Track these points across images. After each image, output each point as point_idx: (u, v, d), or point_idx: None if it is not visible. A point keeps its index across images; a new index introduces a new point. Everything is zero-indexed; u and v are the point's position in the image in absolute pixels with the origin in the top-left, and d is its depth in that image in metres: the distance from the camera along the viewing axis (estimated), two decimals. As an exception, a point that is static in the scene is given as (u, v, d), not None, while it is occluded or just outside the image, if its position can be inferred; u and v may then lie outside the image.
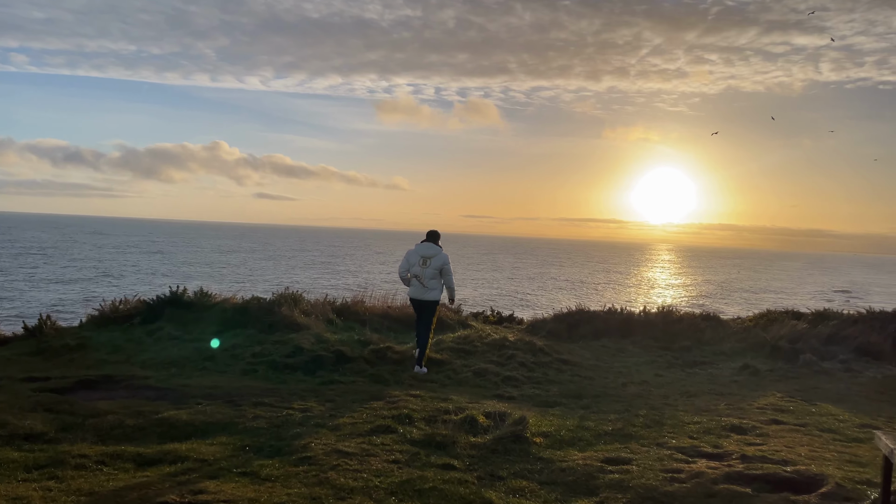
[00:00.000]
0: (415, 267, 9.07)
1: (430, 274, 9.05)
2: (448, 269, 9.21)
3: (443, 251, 9.21)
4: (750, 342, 12.17)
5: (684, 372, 10.33)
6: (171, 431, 5.92)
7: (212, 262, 68.32)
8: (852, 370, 10.58)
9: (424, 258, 9.08)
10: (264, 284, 44.62)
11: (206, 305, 10.86)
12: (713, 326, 12.85)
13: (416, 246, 9.30)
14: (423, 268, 9.05)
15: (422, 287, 9.05)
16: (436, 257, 9.09)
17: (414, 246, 9.37)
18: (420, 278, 9.02)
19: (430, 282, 9.07)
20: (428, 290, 9.08)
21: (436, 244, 9.28)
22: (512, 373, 9.04)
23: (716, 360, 11.22)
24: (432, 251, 9.15)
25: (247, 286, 42.82)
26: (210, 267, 63.36)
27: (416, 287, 9.10)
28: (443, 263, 9.10)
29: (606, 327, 12.83)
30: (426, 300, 9.11)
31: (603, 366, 10.29)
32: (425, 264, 9.06)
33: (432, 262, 9.07)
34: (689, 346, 11.99)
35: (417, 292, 9.12)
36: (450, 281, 9.27)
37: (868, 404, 8.25)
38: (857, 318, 12.68)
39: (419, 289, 9.08)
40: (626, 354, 11.39)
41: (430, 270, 9.04)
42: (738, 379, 9.85)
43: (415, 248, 9.28)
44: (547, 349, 10.48)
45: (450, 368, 9.10)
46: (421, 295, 9.09)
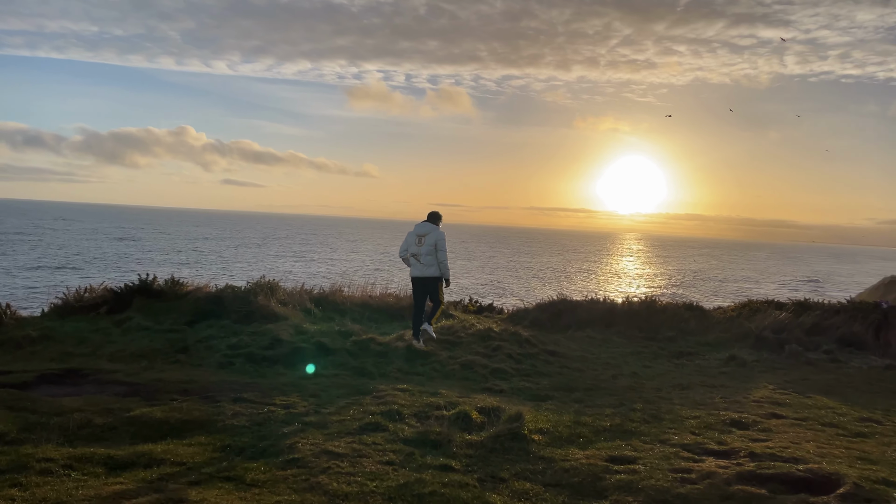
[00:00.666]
0: (412, 246, 9.34)
1: (426, 251, 9.25)
2: (441, 246, 9.30)
3: (438, 229, 9.39)
4: (734, 332, 12.08)
5: (671, 363, 10.17)
6: (145, 431, 5.50)
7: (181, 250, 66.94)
8: (838, 360, 10.52)
9: (419, 237, 9.32)
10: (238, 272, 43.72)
11: (178, 294, 10.37)
12: (697, 317, 12.74)
13: (415, 226, 9.47)
14: (419, 246, 9.29)
15: (420, 265, 9.28)
16: (430, 234, 9.28)
17: (413, 227, 9.54)
18: (417, 256, 9.27)
19: (426, 258, 9.26)
20: (425, 268, 9.27)
21: (433, 224, 9.47)
22: (500, 365, 8.75)
23: (702, 350, 11.10)
24: (427, 229, 9.35)
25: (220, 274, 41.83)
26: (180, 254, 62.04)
27: (415, 265, 9.34)
28: (436, 240, 9.25)
29: (590, 317, 12.64)
30: (425, 277, 9.30)
31: (590, 357, 10.07)
32: (420, 243, 9.29)
33: (426, 239, 9.27)
34: (673, 336, 11.86)
35: (416, 270, 9.36)
36: (442, 257, 9.32)
37: (860, 396, 8.15)
38: (839, 309, 12.67)
39: (418, 267, 9.32)
40: (611, 345, 11.19)
41: (425, 248, 9.26)
42: (727, 370, 9.71)
43: (413, 228, 9.46)
44: (533, 340, 10.22)
45: (436, 360, 8.77)
46: (420, 272, 9.31)
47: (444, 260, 9.30)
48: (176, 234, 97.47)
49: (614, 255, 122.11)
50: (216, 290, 10.57)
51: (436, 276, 9.32)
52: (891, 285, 45.98)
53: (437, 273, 9.31)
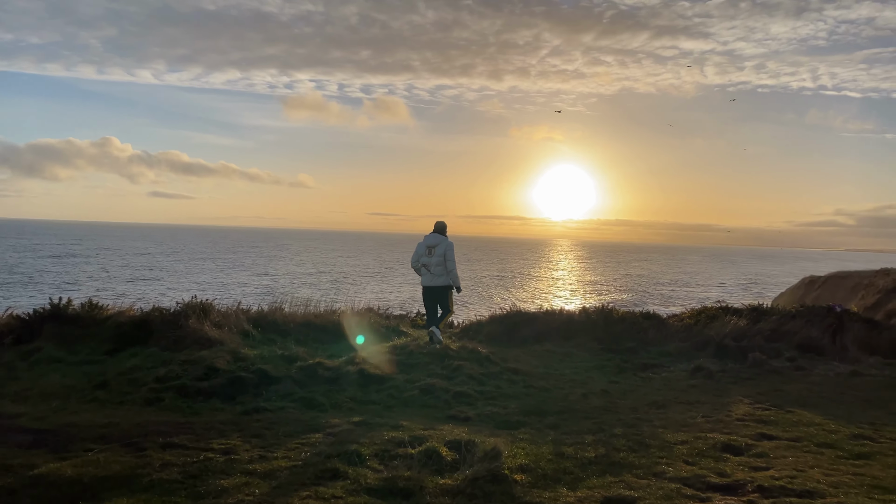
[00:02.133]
0: (423, 257, 9.68)
1: (437, 261, 9.61)
2: (451, 256, 9.69)
3: (447, 240, 9.74)
4: (694, 341, 11.73)
5: (638, 377, 9.68)
6: (51, 494, 4.52)
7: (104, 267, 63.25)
8: (802, 368, 10.28)
9: (430, 247, 9.70)
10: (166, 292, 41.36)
11: (97, 319, 9.24)
12: (655, 326, 12.36)
13: (424, 238, 9.81)
14: (430, 257, 9.65)
15: (430, 275, 9.62)
16: (439, 245, 9.65)
17: (423, 238, 9.88)
18: (428, 266, 9.61)
19: (437, 268, 9.62)
20: (436, 277, 9.63)
21: (442, 234, 9.83)
22: (462, 388, 8.03)
23: (665, 362, 10.68)
24: (437, 240, 9.72)
25: (147, 295, 39.48)
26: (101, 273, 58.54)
27: (426, 275, 9.66)
28: (445, 250, 9.63)
29: (547, 329, 12.08)
30: (436, 286, 9.66)
31: (554, 374, 9.48)
32: (430, 253, 9.67)
33: (436, 250, 9.64)
34: (634, 347, 11.42)
35: (427, 280, 9.67)
36: (451, 266, 9.70)
37: (837, 408, 7.82)
38: (795, 313, 12.53)
39: (428, 276, 9.64)
40: (573, 359, 10.64)
41: (435, 258, 9.62)
42: (695, 383, 9.30)
43: (423, 239, 9.80)
44: (493, 357, 9.55)
45: (392, 386, 7.99)
46: (431, 282, 9.64)
47: (453, 269, 9.66)
48: (97, 250, 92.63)
49: (554, 262, 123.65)
50: (141, 314, 9.48)
51: (447, 284, 9.65)
52: (811, 284, 47.71)
53: (447, 282, 9.65)
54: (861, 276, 43.64)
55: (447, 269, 9.68)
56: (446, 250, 9.62)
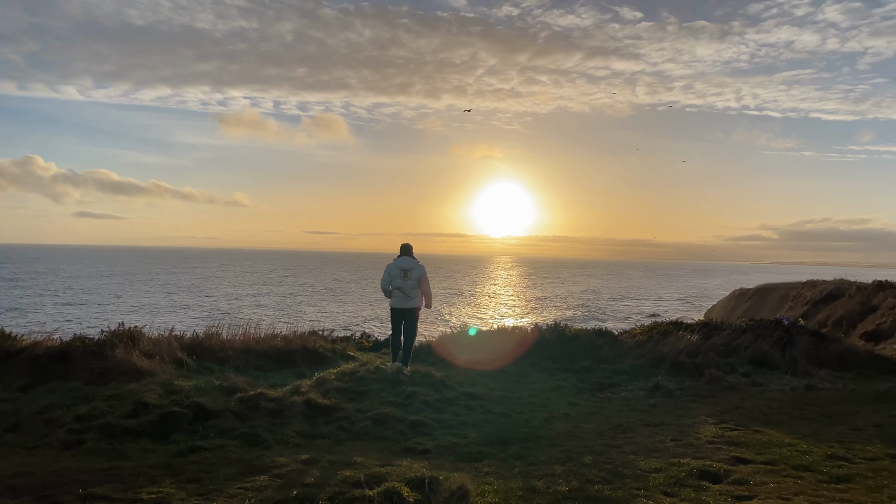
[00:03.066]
0: (396, 279, 9.68)
1: (412, 285, 9.72)
2: (426, 279, 9.91)
3: (419, 263, 9.92)
4: (648, 358, 11.56)
5: (597, 398, 9.38)
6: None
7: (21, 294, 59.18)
8: (757, 383, 10.20)
9: (404, 271, 9.72)
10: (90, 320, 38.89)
11: (10, 351, 8.32)
12: (610, 343, 12.15)
13: (395, 260, 9.86)
14: (405, 280, 9.68)
15: (404, 297, 9.70)
16: (414, 269, 9.79)
17: (392, 260, 9.90)
18: (402, 290, 9.67)
19: (412, 291, 9.74)
20: (410, 300, 9.74)
21: (412, 257, 9.96)
22: (418, 416, 7.51)
23: (622, 380, 10.43)
24: (411, 264, 9.81)
25: (70, 322, 36.98)
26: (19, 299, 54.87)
27: (400, 297, 9.70)
28: (421, 274, 9.81)
29: (501, 349, 11.69)
30: (409, 308, 9.78)
31: (512, 396, 9.07)
32: (406, 276, 9.70)
33: (412, 273, 9.74)
34: (589, 365, 11.14)
35: (401, 302, 9.72)
36: (427, 289, 9.93)
37: (802, 425, 7.67)
38: (746, 328, 12.54)
39: (402, 299, 9.70)
40: (529, 380, 10.27)
41: (411, 282, 9.71)
42: (655, 402, 9.06)
43: (394, 262, 9.84)
44: (448, 381, 9.07)
45: (342, 417, 7.40)
46: (404, 304, 9.73)
47: (429, 292, 9.93)
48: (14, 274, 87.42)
49: (497, 279, 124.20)
50: (61, 344, 8.61)
51: (417, 307, 9.83)
52: (741, 297, 49.17)
53: (418, 305, 9.85)
54: (787, 287, 45.19)
55: (424, 292, 9.94)
56: (422, 274, 9.87)
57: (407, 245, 10.14)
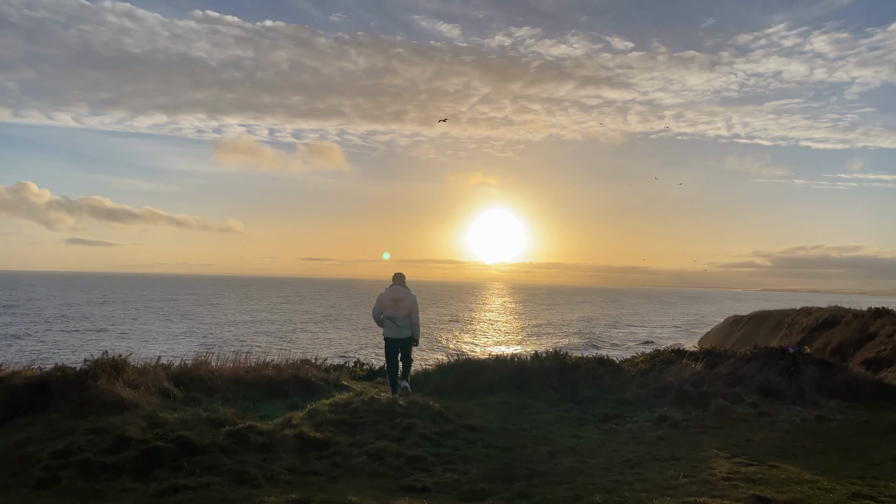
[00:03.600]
0: (387, 309, 9.64)
1: (403, 314, 9.69)
2: (416, 310, 9.85)
3: (410, 293, 9.84)
4: (652, 388, 11.19)
5: (601, 430, 9.00)
6: None
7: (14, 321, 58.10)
8: (766, 414, 9.84)
9: (395, 300, 9.69)
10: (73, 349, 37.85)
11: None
12: (611, 372, 11.78)
13: (387, 290, 9.77)
14: (396, 310, 9.66)
15: (396, 327, 9.65)
16: (405, 299, 9.73)
17: (384, 290, 9.82)
18: (393, 319, 9.63)
19: (403, 321, 9.70)
20: (402, 329, 9.71)
21: (403, 286, 9.88)
22: (416, 451, 7.13)
23: (626, 411, 10.06)
24: (401, 293, 9.76)
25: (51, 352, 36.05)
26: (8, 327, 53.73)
27: (391, 327, 9.66)
28: (411, 304, 9.76)
29: (499, 379, 11.32)
30: (402, 338, 9.73)
31: (513, 429, 8.69)
32: (397, 306, 9.68)
33: (402, 303, 9.70)
34: (591, 395, 10.77)
35: (393, 332, 9.68)
36: (416, 319, 9.86)
37: (819, 460, 7.32)
38: (751, 356, 12.20)
39: (394, 328, 9.66)
40: (530, 411, 9.89)
41: (402, 311, 9.68)
42: (662, 435, 8.68)
43: (385, 291, 9.75)
44: (447, 413, 8.70)
45: (336, 451, 7.01)
46: (397, 334, 9.69)
47: (417, 323, 9.85)
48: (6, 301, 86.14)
49: (492, 305, 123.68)
50: (40, 374, 8.22)
51: (410, 336, 9.75)
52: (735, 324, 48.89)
53: (411, 334, 9.76)
54: (781, 314, 44.86)
55: (413, 321, 9.85)
56: (413, 304, 9.79)
57: (399, 274, 10.05)
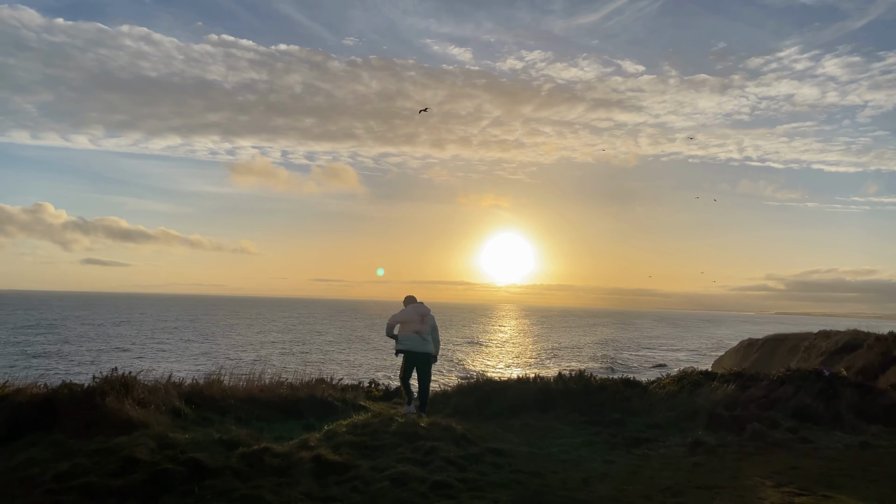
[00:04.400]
0: (415, 324, 9.78)
1: (428, 330, 9.86)
2: (437, 329, 10.15)
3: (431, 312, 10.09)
4: (681, 410, 10.70)
5: (632, 454, 8.52)
6: None
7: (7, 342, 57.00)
8: (807, 440, 9.31)
9: (422, 315, 9.88)
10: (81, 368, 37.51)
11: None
12: (639, 394, 11.30)
13: (411, 306, 9.98)
14: (422, 325, 9.82)
15: (422, 341, 9.78)
16: (429, 315, 10.00)
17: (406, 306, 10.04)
18: (420, 333, 9.77)
19: (429, 337, 9.86)
20: (427, 344, 9.83)
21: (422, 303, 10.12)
22: (440, 475, 6.68)
23: (656, 435, 9.57)
24: (426, 310, 9.98)
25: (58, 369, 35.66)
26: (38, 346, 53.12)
27: (417, 341, 9.76)
28: (434, 322, 10.05)
29: (522, 400, 10.86)
30: (426, 352, 9.85)
31: (540, 454, 8.22)
32: (423, 321, 9.85)
33: (427, 318, 9.91)
34: (619, 418, 10.29)
35: (418, 346, 9.77)
36: (437, 338, 10.16)
37: (868, 489, 6.83)
38: (784, 378, 11.69)
39: (419, 342, 9.77)
40: (556, 435, 9.42)
41: (427, 327, 9.86)
42: (698, 460, 8.19)
43: (410, 308, 9.94)
44: (470, 436, 8.27)
45: (355, 476, 6.58)
46: (422, 348, 9.80)
47: (438, 340, 10.19)
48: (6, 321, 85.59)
49: (506, 328, 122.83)
50: (46, 391, 7.86)
51: (432, 352, 9.94)
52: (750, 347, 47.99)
53: (433, 350, 9.96)
54: (797, 338, 43.97)
55: (434, 339, 10.06)
56: (434, 321, 10.05)
57: (413, 297, 10.34)
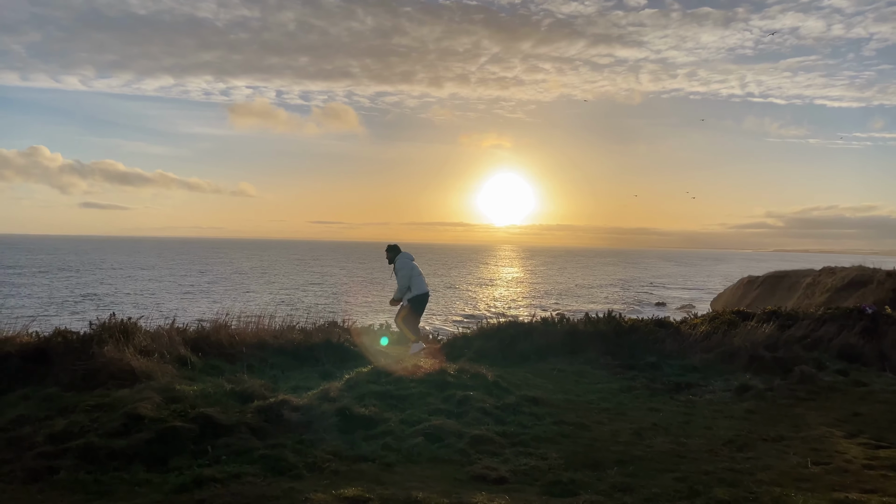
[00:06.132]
0: (417, 267, 10.02)
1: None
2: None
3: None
4: (717, 352, 10.08)
5: (677, 401, 7.89)
6: None
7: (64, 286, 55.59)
8: (860, 383, 8.69)
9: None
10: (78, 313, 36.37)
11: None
12: (672, 335, 10.65)
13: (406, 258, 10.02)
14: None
15: (425, 284, 10.03)
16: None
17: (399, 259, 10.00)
18: (423, 276, 10.06)
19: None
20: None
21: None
22: (478, 429, 6.03)
23: (695, 379, 8.95)
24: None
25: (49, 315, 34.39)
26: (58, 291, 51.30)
27: (424, 284, 9.97)
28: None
29: (548, 343, 10.23)
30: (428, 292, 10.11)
31: (578, 400, 7.60)
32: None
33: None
34: (654, 361, 9.66)
35: (426, 287, 10.02)
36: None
37: (951, 437, 6.19)
38: (825, 317, 11.04)
39: (425, 285, 10.00)
40: (590, 380, 8.80)
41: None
42: (749, 407, 7.56)
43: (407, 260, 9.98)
44: (502, 383, 7.61)
45: (386, 430, 5.92)
46: (427, 288, 10.05)
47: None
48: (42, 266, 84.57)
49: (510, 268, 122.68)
50: (38, 339, 7.15)
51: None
52: (749, 284, 47.46)
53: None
54: (798, 275, 43.40)
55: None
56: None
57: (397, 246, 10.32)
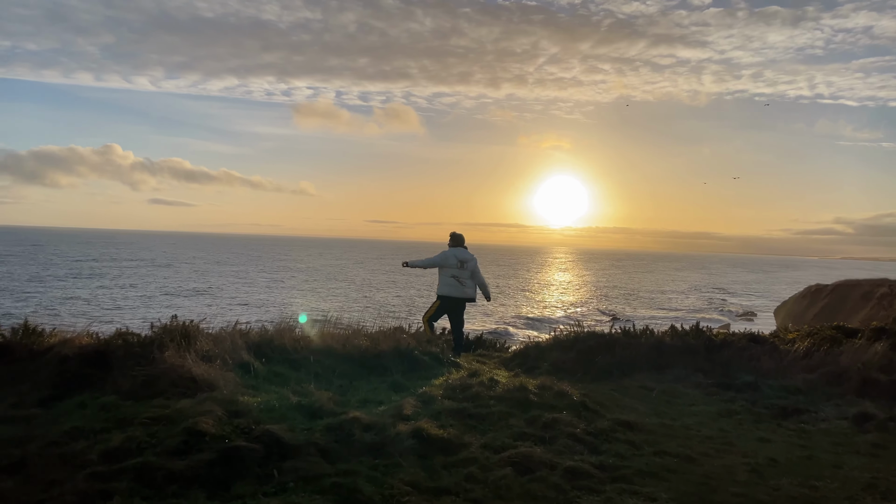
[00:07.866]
0: (453, 269, 9.65)
1: (468, 276, 9.75)
2: (478, 270, 9.94)
3: (473, 256, 9.94)
4: (822, 372, 9.07)
5: (786, 429, 7.00)
6: None
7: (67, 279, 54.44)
8: None
9: (462, 262, 9.71)
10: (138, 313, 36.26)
11: (34, 351, 6.53)
12: (768, 352, 9.70)
13: (452, 250, 9.76)
14: (462, 270, 9.69)
15: (460, 286, 9.68)
16: (470, 261, 9.82)
17: (449, 248, 9.86)
18: (458, 279, 9.66)
19: (468, 282, 9.77)
20: (466, 289, 9.75)
21: (465, 248, 9.93)
22: (572, 460, 5.33)
23: (801, 403, 8.00)
24: (467, 255, 9.81)
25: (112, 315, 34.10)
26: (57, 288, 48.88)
27: (455, 286, 9.65)
28: (475, 266, 9.89)
29: (632, 357, 9.43)
30: (466, 298, 9.79)
31: (675, 426, 6.80)
32: (462, 267, 9.70)
33: (468, 265, 9.76)
34: (751, 381, 8.74)
35: (458, 291, 9.68)
36: (482, 279, 10.03)
37: None
38: (946, 336, 9.87)
39: (457, 287, 9.67)
40: (683, 400, 7.97)
41: (467, 272, 9.74)
42: (874, 440, 6.62)
43: (450, 251, 9.76)
44: (590, 403, 6.88)
45: (468, 458, 5.27)
46: (461, 293, 9.70)
47: (484, 282, 10.10)
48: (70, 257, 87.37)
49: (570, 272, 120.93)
50: (97, 342, 6.78)
51: (473, 297, 9.88)
52: (817, 293, 45.02)
53: (473, 296, 9.89)
54: (872, 284, 40.87)
55: (479, 283, 10.04)
56: (476, 266, 9.92)
57: (461, 236, 9.99)
